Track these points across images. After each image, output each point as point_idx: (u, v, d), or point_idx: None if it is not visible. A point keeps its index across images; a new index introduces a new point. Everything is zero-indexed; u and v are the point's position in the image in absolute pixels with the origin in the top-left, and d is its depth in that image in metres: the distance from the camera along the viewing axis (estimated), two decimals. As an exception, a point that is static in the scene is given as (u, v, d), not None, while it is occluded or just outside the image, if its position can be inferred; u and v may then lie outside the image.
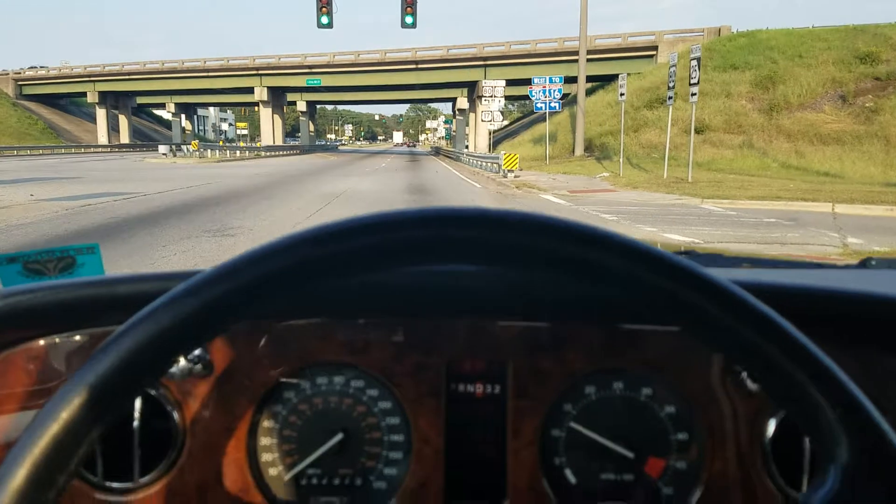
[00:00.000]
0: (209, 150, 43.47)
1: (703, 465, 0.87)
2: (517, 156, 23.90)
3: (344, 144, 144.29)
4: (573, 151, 34.82)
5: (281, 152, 56.99)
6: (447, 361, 0.88)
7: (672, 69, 20.26)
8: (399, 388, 0.88)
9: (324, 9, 28.02)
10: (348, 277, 0.47)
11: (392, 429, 0.89)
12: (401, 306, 0.87)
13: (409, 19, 28.48)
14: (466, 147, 60.45)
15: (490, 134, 43.58)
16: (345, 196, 15.60)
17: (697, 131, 29.97)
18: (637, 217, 11.87)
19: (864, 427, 0.45)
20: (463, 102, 70.90)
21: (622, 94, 24.32)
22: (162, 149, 40.89)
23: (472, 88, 55.52)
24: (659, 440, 0.88)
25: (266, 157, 50.27)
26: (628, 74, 39.95)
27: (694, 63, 19.03)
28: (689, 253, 1.46)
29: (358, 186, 19.07)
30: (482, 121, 43.86)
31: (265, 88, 58.89)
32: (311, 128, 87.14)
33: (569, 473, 0.89)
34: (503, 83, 43.11)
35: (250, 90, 59.32)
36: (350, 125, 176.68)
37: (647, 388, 0.88)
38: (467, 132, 79.86)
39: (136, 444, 0.86)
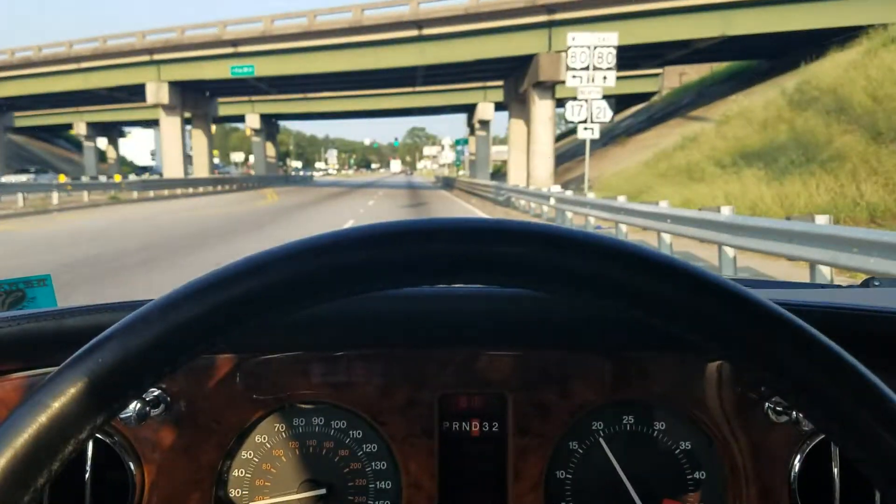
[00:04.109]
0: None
1: None
2: None
3: (329, 174, 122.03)
4: None
5: (187, 189, 33.99)
6: (439, 396, 0.81)
7: None
8: (386, 427, 0.81)
9: None
10: (351, 293, 0.43)
11: (379, 475, 0.82)
12: (388, 336, 0.80)
13: None
14: (502, 175, 37.12)
15: (590, 149, 19.99)
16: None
17: None
18: None
19: None
20: (486, 110, 47.31)
21: None
22: None
23: (514, 77, 31.86)
24: (674, 479, 0.81)
25: (137, 200, 26.81)
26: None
27: None
28: None
29: None
30: (572, 121, 20.31)
31: (165, 84, 35.54)
32: (272, 152, 63.78)
33: None
34: (615, 36, 19.64)
35: (149, 96, 35.73)
36: (334, 151, 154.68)
37: (659, 423, 0.82)
38: (496, 153, 56.55)
39: (87, 497, 0.77)
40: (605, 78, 19.65)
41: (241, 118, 58.85)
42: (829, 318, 0.77)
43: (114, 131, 68.35)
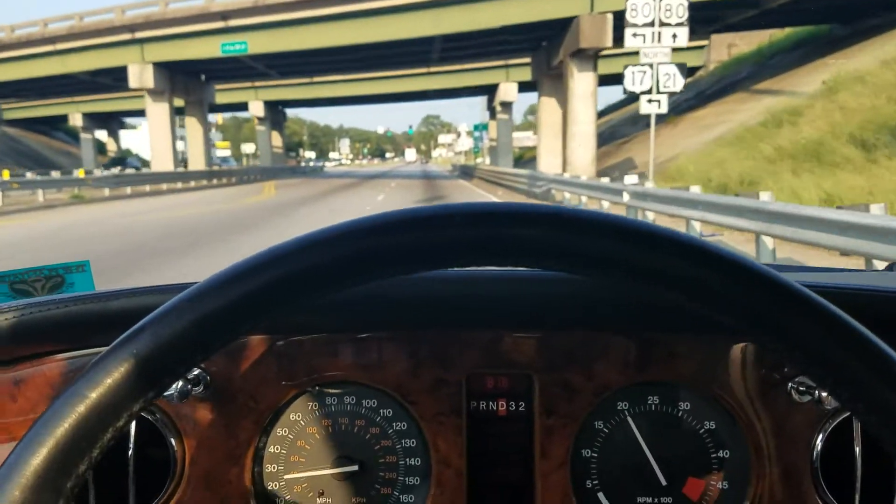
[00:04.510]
0: None
1: (748, 485, 0.82)
2: None
3: (343, 164, 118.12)
4: None
5: (175, 184, 30.59)
6: (467, 376, 0.83)
7: None
8: (415, 406, 0.83)
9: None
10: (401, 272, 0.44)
11: (409, 452, 0.85)
12: (416, 318, 0.83)
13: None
14: (525, 163, 33.01)
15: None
16: None
17: None
18: None
19: None
20: (509, 91, 43.04)
21: None
22: None
23: (546, 49, 27.71)
24: (698, 459, 0.83)
25: (108, 198, 22.92)
26: None
27: None
28: None
29: None
30: (633, 91, 15.97)
31: (149, 66, 31.59)
32: (279, 141, 59.90)
33: (602, 497, 0.83)
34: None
35: (132, 80, 31.72)
36: (347, 140, 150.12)
37: (684, 403, 0.83)
38: (516, 139, 52.36)
39: (130, 474, 0.80)
40: (674, 36, 15.37)
41: (243, 106, 54.98)
42: (860, 300, 0.79)
43: (113, 122, 65.01)
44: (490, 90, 49.27)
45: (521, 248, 0.43)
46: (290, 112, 48.81)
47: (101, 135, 64.45)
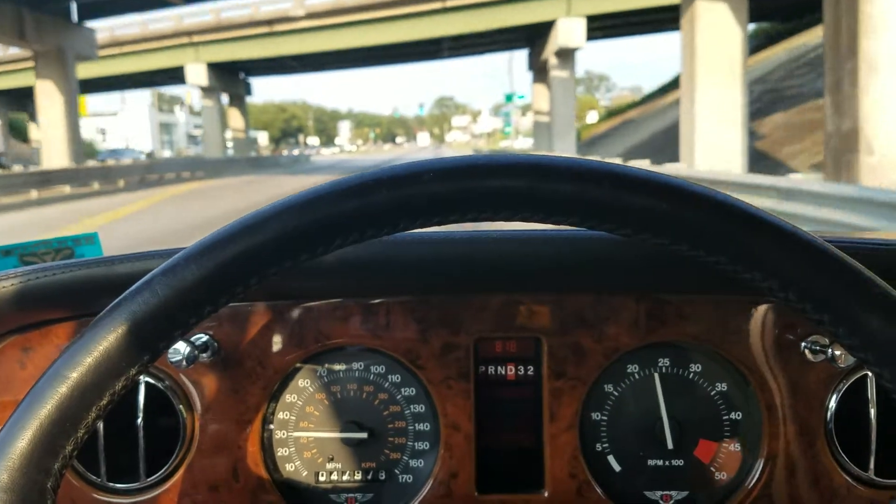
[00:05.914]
0: None
1: (760, 446, 0.82)
2: None
3: (345, 150, 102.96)
4: None
5: None
6: (475, 340, 0.84)
7: None
8: (423, 371, 0.83)
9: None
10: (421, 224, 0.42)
11: (417, 417, 0.86)
12: (426, 282, 0.83)
13: None
14: (586, 147, 18.19)
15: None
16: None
17: None
18: None
19: None
20: (570, 32, 27.35)
21: None
22: None
23: None
24: (710, 421, 0.83)
25: None
26: None
27: None
28: None
29: None
30: None
31: None
32: (241, 124, 44.47)
33: (612, 460, 0.84)
34: None
35: None
36: (347, 122, 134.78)
37: (695, 365, 0.84)
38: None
39: (140, 441, 0.81)
40: None
41: (177, 73, 39.24)
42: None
43: (29, 105, 49.89)
44: (533, 37, 33.51)
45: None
46: (294, 95, 33.98)
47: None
